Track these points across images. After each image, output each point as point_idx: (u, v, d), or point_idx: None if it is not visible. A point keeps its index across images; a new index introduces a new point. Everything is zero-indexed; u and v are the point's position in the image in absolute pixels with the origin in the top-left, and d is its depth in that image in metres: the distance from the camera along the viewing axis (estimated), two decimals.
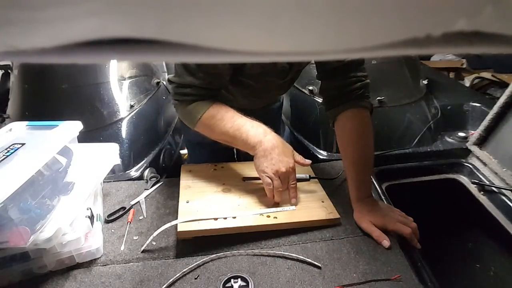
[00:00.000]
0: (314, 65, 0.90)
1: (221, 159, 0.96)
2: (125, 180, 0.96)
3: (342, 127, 0.82)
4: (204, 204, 0.77)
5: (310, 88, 1.42)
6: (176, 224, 0.70)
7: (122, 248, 0.69)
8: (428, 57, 2.82)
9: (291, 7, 0.10)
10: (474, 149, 1.03)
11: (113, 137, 1.20)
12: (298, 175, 0.87)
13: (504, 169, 0.93)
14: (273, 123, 1.18)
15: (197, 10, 0.10)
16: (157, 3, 0.10)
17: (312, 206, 0.78)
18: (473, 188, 0.98)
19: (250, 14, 0.10)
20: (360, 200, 0.78)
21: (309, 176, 0.87)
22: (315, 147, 1.36)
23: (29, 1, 0.10)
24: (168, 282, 0.61)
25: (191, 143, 1.13)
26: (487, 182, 0.94)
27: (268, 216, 0.74)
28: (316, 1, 0.10)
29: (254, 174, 0.79)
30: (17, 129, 0.73)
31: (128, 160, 1.17)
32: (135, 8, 0.10)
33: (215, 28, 0.11)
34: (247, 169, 0.90)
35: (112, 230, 0.74)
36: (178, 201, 0.77)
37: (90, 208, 0.69)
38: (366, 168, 0.80)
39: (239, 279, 0.62)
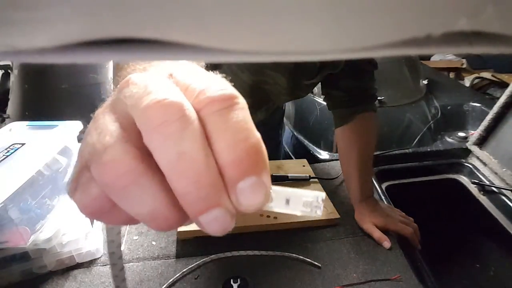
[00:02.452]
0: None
1: None
2: None
3: (350, 128, 0.80)
4: None
5: None
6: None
7: (122, 248, 0.69)
8: (428, 57, 2.82)
9: (291, 6, 0.10)
10: (474, 149, 1.02)
11: None
12: (298, 175, 0.87)
13: (504, 169, 0.93)
14: (275, 130, 1.17)
15: (196, 10, 0.10)
16: (157, 2, 0.10)
17: None
18: (473, 188, 0.98)
19: (249, 13, 0.10)
20: (362, 200, 0.78)
21: (309, 176, 0.87)
22: (315, 147, 1.36)
23: (29, 1, 0.10)
24: (168, 282, 0.61)
25: None
26: (487, 182, 0.94)
27: (268, 216, 0.74)
28: (315, 0, 0.10)
29: None
30: (17, 129, 0.73)
31: None
32: (135, 8, 0.10)
33: (215, 28, 0.11)
34: None
35: None
36: None
37: None
38: (370, 168, 0.80)
39: (239, 279, 0.62)
